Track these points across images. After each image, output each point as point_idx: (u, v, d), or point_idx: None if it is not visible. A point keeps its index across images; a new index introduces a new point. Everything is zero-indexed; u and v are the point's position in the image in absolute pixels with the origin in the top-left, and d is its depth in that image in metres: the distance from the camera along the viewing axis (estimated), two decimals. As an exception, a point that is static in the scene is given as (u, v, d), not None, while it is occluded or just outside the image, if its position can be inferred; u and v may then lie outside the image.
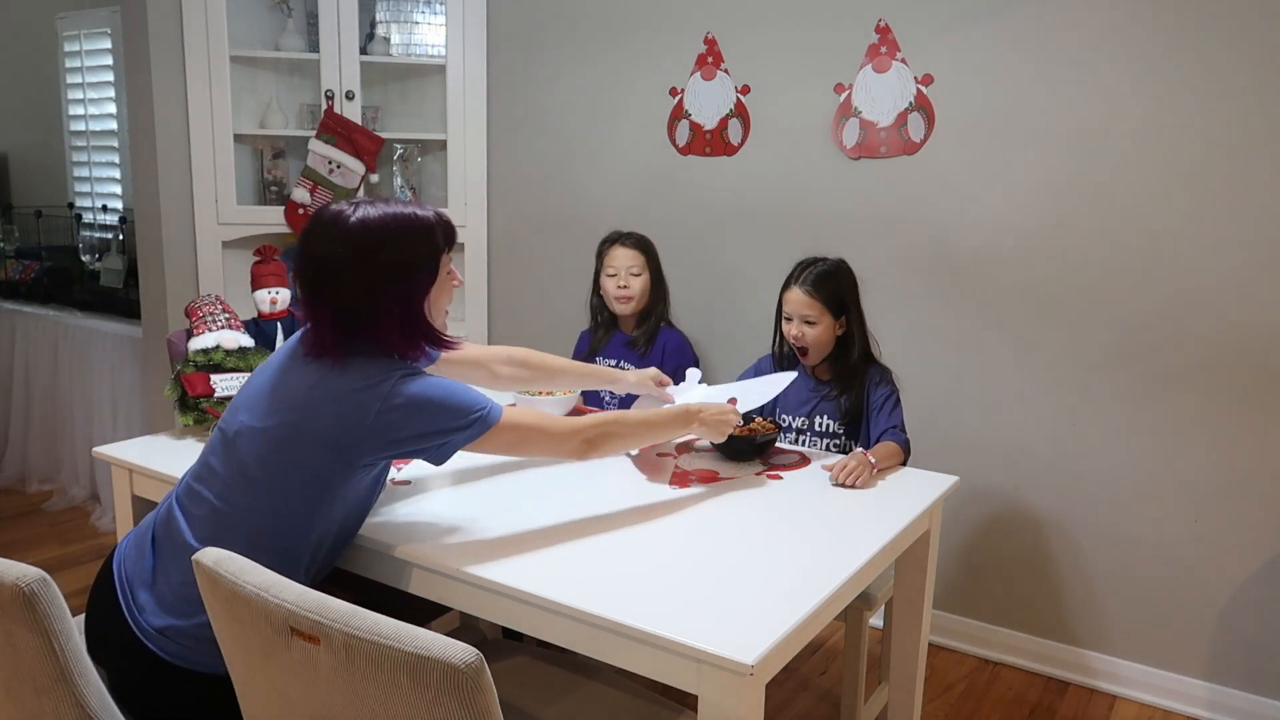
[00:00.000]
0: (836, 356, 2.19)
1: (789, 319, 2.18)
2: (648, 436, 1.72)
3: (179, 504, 1.48)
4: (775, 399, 2.29)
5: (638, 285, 2.58)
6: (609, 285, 2.60)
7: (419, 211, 1.48)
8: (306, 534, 1.43)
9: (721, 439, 1.84)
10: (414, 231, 1.45)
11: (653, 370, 2.14)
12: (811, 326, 2.14)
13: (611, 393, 2.59)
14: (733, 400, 1.97)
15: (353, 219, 1.42)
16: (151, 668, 1.39)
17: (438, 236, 1.49)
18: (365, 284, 1.41)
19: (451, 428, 1.43)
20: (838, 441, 2.19)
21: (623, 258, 2.58)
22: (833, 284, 2.14)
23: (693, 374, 2.15)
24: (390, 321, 1.44)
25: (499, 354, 2.00)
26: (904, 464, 2.02)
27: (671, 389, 2.10)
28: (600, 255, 2.64)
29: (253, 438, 1.43)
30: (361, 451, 1.40)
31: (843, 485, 1.83)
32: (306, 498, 1.41)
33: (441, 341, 1.54)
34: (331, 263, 1.41)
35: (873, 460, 1.90)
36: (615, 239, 2.63)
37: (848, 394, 2.17)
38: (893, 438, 2.04)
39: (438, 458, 1.46)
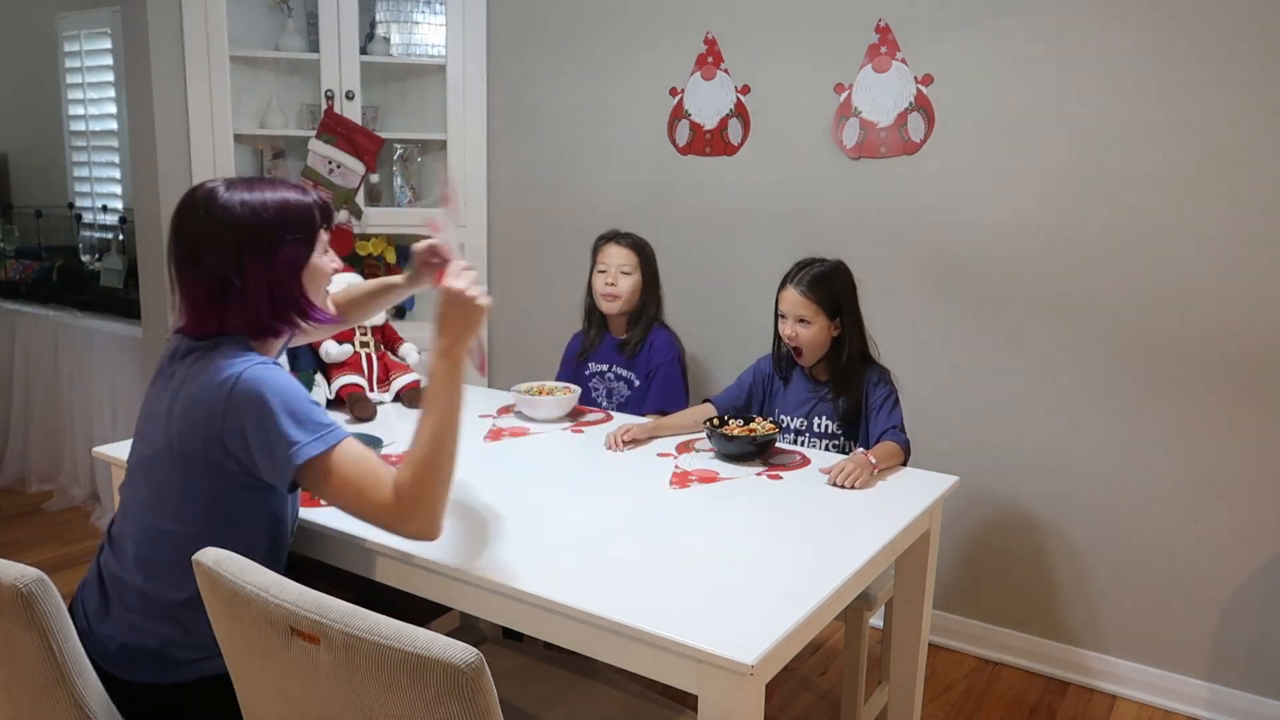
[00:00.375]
0: (833, 358, 2.19)
1: (784, 317, 2.18)
2: (452, 430, 1.36)
3: (110, 537, 1.48)
4: (775, 399, 2.29)
5: (626, 285, 2.52)
6: (598, 282, 2.55)
7: (292, 194, 1.44)
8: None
9: (483, 302, 1.39)
10: (288, 205, 1.41)
11: (417, 250, 1.72)
12: (805, 326, 2.14)
13: (606, 396, 2.58)
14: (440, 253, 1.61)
15: (225, 193, 1.38)
16: (124, 692, 1.38)
17: (314, 212, 1.45)
18: (238, 254, 1.36)
19: (286, 439, 1.30)
20: (837, 442, 2.19)
21: (615, 255, 2.54)
22: (829, 285, 2.14)
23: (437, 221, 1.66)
24: (263, 292, 1.38)
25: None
26: (904, 464, 2.02)
27: (437, 238, 1.66)
28: (594, 252, 2.60)
29: (142, 465, 1.42)
30: (217, 454, 1.34)
31: (840, 487, 1.83)
32: (202, 516, 1.38)
33: (316, 315, 1.47)
34: (205, 237, 1.37)
35: (874, 461, 1.90)
36: (611, 237, 2.59)
37: (845, 395, 2.17)
38: (893, 438, 2.04)
39: (276, 475, 1.33)
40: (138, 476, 1.43)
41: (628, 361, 2.55)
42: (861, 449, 2.03)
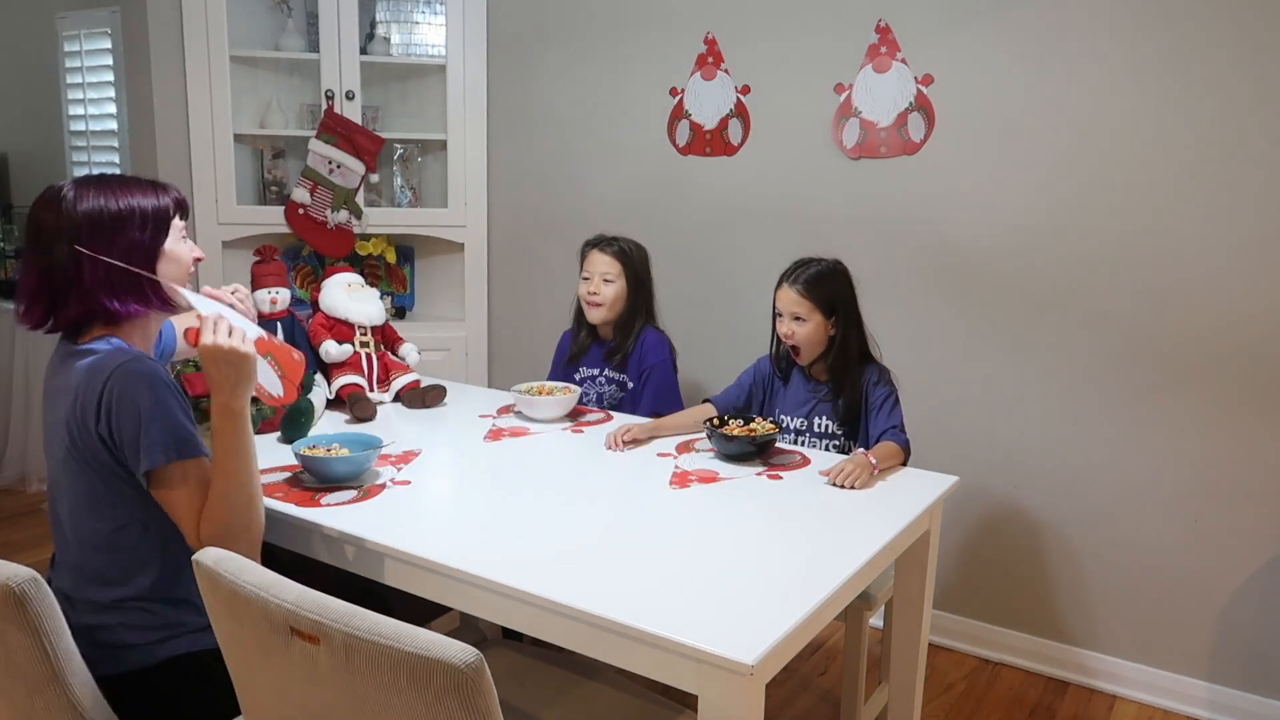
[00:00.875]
0: (831, 357, 2.19)
1: (780, 316, 2.19)
2: (242, 486, 1.40)
3: (53, 563, 1.54)
4: (775, 399, 2.29)
5: (608, 292, 2.47)
6: (581, 289, 2.52)
7: (140, 190, 1.47)
8: (153, 551, 1.44)
9: (246, 350, 1.40)
10: (133, 199, 1.46)
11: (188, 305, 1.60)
12: (801, 324, 2.15)
13: (597, 400, 2.56)
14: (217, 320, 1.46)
15: (71, 189, 1.43)
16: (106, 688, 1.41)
17: (167, 205, 1.49)
18: (73, 245, 1.39)
19: (141, 442, 1.34)
20: (837, 442, 2.19)
21: (598, 263, 2.49)
22: (824, 283, 2.15)
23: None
24: (100, 279, 1.41)
25: None
26: (904, 464, 2.02)
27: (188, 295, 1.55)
28: (581, 257, 2.56)
29: (55, 484, 1.47)
30: (99, 445, 1.38)
31: (840, 487, 1.83)
32: (122, 508, 1.42)
33: (162, 296, 1.48)
34: (46, 230, 1.41)
35: (874, 461, 1.89)
36: (596, 243, 2.54)
37: (844, 394, 2.17)
38: (893, 438, 2.04)
39: (143, 461, 1.36)
40: (55, 495, 1.49)
41: (618, 365, 2.53)
42: (861, 449, 2.03)
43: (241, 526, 1.39)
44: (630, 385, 2.51)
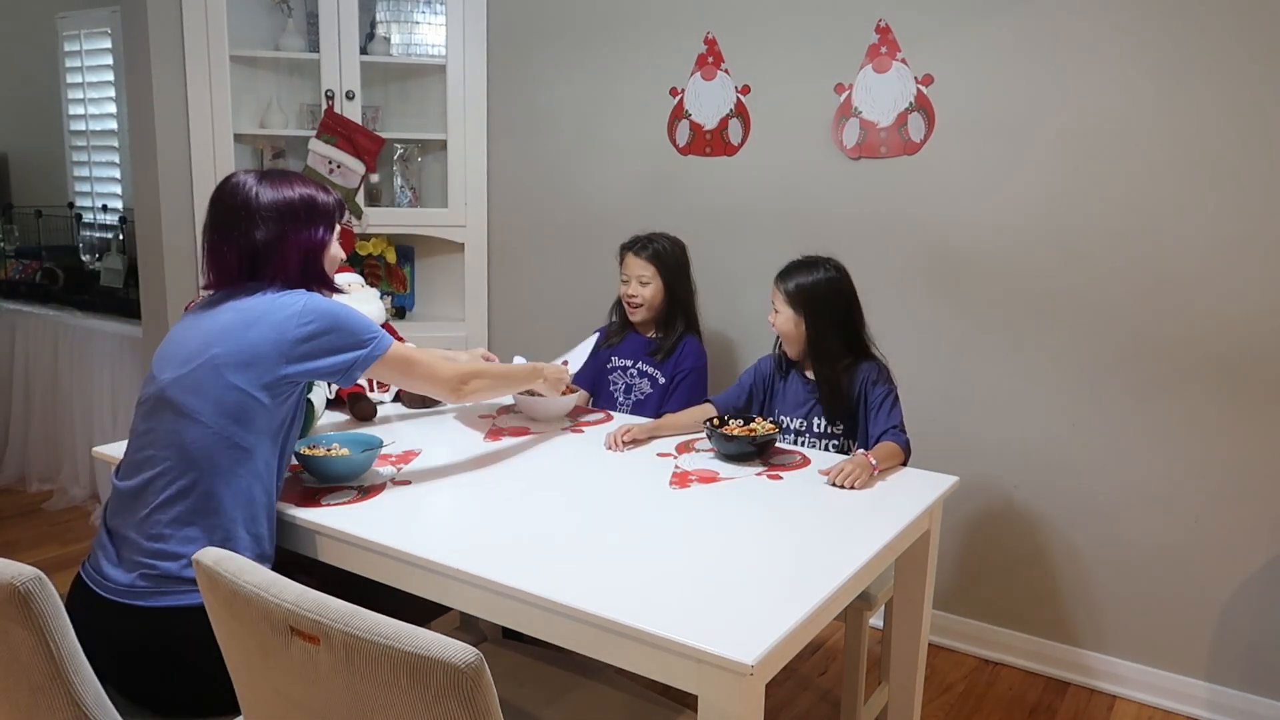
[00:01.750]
0: (814, 356, 2.19)
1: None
2: (508, 386, 2.06)
3: (118, 490, 1.57)
4: (775, 399, 2.29)
5: (646, 294, 2.58)
6: (622, 290, 2.63)
7: (319, 190, 1.70)
8: (259, 466, 1.56)
9: (558, 393, 2.21)
10: (316, 196, 1.68)
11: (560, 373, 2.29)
12: (776, 315, 2.21)
13: (625, 391, 2.60)
14: (564, 363, 2.31)
15: (260, 182, 1.64)
16: (143, 620, 1.45)
17: (334, 207, 1.72)
18: (280, 228, 1.62)
19: (354, 344, 1.62)
20: (837, 442, 2.19)
21: (634, 266, 2.59)
22: (794, 276, 2.18)
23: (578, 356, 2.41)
24: (296, 260, 1.65)
25: None
26: (905, 464, 2.02)
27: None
28: (619, 259, 2.66)
29: (179, 385, 1.54)
30: (280, 364, 1.54)
31: (839, 487, 1.83)
32: (241, 424, 1.52)
33: (330, 285, 1.74)
34: (249, 213, 1.61)
35: (874, 461, 1.89)
36: (631, 245, 2.62)
37: (824, 388, 2.17)
38: (893, 438, 2.04)
39: (345, 378, 1.63)
40: (167, 398, 1.54)
41: (657, 365, 2.60)
42: (861, 449, 2.03)
43: (491, 395, 1.99)
44: (663, 381, 2.54)
